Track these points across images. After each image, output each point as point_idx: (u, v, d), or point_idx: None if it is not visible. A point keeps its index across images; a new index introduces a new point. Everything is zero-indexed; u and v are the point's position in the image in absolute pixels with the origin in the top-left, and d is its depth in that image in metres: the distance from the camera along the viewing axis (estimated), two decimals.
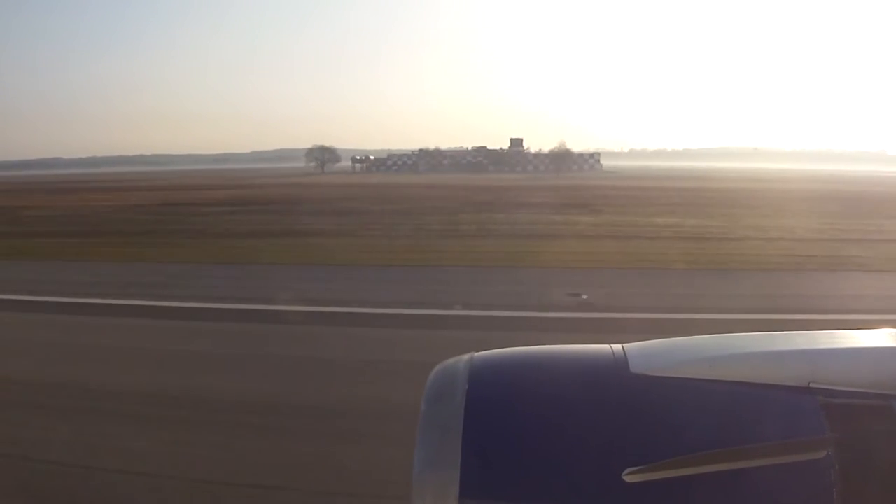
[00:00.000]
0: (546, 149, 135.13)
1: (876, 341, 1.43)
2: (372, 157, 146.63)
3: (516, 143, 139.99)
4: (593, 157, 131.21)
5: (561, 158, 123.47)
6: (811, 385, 1.26)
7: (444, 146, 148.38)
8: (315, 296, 10.83)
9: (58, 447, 5.20)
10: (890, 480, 1.17)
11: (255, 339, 8.63)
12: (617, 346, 1.41)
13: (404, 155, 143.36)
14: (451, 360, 1.42)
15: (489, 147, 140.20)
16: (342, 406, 5.91)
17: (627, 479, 1.15)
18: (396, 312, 9.72)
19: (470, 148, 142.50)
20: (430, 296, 10.91)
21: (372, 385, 6.44)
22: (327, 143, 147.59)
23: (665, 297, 10.78)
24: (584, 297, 10.44)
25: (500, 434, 1.25)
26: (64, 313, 10.11)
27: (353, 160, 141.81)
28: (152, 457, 4.99)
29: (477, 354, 1.43)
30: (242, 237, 20.36)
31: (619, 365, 1.34)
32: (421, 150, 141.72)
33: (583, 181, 67.78)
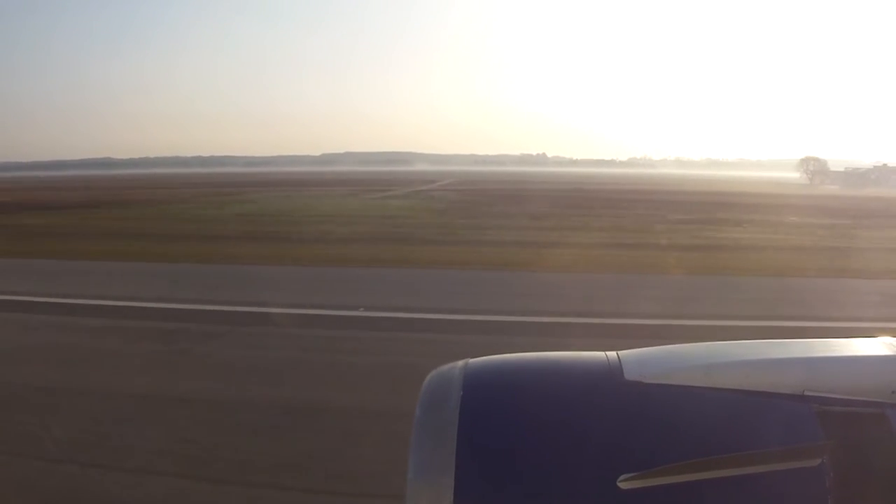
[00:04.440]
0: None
1: (870, 349, 1.41)
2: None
3: None
4: None
5: None
6: (806, 393, 1.26)
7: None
8: None
9: None
10: (884, 488, 1.17)
11: None
12: (612, 353, 1.41)
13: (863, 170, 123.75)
14: (446, 367, 1.42)
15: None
16: None
17: (622, 485, 1.15)
18: None
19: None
20: None
21: None
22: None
23: None
24: None
25: (495, 441, 1.26)
26: None
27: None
28: None
29: (471, 361, 1.43)
30: None
31: (613, 372, 1.34)
32: (886, 165, 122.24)
33: None
